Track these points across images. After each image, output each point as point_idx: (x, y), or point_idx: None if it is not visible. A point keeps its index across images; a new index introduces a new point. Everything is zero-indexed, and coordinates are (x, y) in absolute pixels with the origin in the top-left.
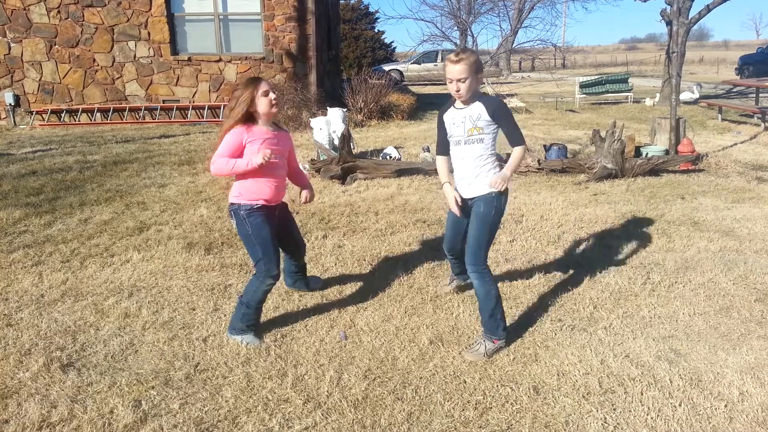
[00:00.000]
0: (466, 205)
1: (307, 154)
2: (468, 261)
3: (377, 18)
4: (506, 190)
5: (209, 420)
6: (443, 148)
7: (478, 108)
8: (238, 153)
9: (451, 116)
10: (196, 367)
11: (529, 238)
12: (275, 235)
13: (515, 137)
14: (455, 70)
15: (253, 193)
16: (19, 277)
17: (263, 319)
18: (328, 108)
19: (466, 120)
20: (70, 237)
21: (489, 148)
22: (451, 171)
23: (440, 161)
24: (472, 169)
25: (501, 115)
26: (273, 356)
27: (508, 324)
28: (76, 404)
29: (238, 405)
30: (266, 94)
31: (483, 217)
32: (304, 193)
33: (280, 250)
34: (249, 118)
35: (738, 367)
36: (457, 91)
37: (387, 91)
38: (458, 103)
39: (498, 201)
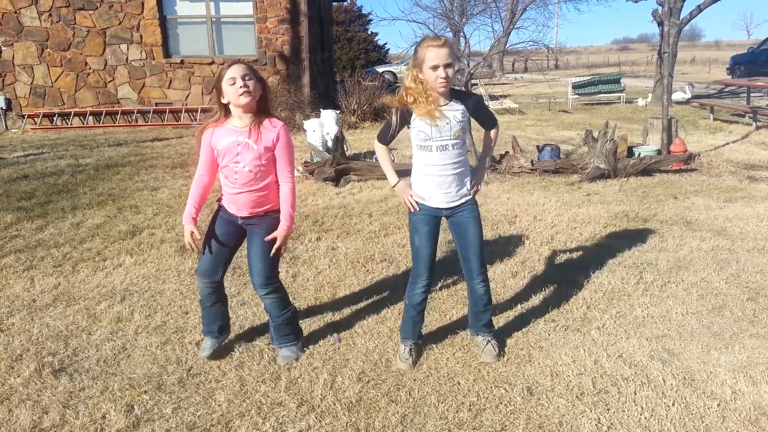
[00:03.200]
0: (436, 219)
1: (301, 157)
2: (477, 270)
3: (370, 20)
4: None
5: (202, 424)
6: (389, 138)
7: (458, 106)
8: (213, 159)
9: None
10: (189, 371)
11: (522, 238)
12: (222, 239)
13: (493, 120)
14: (443, 53)
15: (222, 188)
16: (10, 282)
17: (258, 322)
18: (321, 110)
19: (450, 120)
20: (62, 241)
21: (466, 147)
22: (406, 171)
23: (383, 151)
24: (458, 174)
25: (480, 107)
26: (266, 359)
27: (502, 324)
28: (68, 410)
29: (232, 409)
30: (232, 82)
31: (478, 220)
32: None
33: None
34: (226, 109)
35: (730, 366)
36: (445, 78)
37: (380, 93)
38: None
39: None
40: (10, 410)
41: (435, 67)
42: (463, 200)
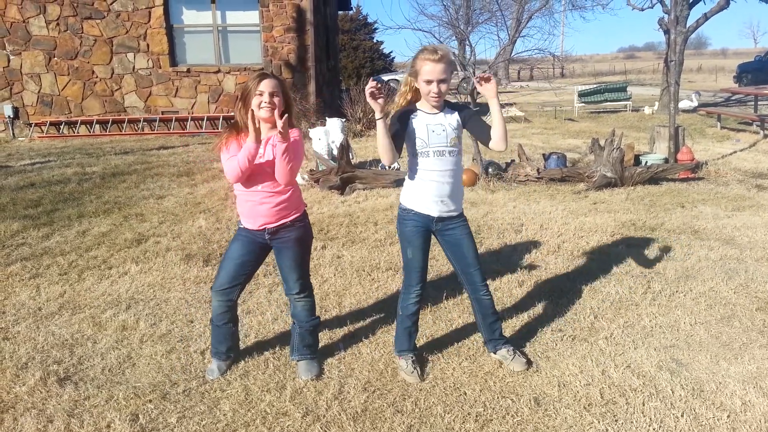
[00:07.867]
0: (428, 232)
1: (306, 165)
2: (480, 282)
3: (376, 28)
4: None
5: None
6: (396, 140)
7: (453, 117)
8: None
9: (423, 121)
10: (194, 380)
11: (529, 247)
12: (244, 259)
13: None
14: (438, 69)
15: (238, 208)
16: (16, 290)
17: (263, 331)
18: (326, 118)
19: (446, 127)
20: (68, 249)
21: (461, 158)
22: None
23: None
24: (454, 182)
25: (470, 115)
26: (271, 369)
27: (508, 334)
28: (72, 418)
29: (236, 419)
30: (260, 93)
31: (471, 235)
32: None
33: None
34: (244, 125)
35: (740, 377)
36: (438, 94)
37: (386, 101)
38: (426, 107)
39: None
40: (15, 419)
41: (429, 82)
42: (454, 213)
